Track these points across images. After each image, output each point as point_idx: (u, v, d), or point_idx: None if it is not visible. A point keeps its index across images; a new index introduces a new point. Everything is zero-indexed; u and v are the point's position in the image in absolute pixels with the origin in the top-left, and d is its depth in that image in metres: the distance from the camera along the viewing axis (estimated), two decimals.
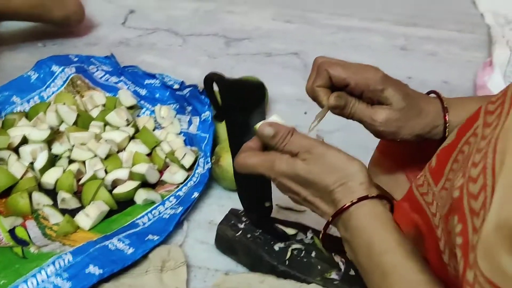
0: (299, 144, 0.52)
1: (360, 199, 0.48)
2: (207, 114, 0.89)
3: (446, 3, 1.56)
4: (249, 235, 0.71)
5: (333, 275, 0.66)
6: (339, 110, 0.57)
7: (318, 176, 0.50)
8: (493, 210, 0.31)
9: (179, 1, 1.45)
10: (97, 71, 1.04)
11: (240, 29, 1.34)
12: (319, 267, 0.68)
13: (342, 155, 0.51)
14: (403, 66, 1.22)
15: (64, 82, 1.01)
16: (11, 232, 0.75)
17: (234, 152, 0.67)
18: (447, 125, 0.55)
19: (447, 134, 0.56)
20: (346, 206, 0.48)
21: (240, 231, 0.72)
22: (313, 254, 0.69)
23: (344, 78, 0.56)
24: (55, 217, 0.78)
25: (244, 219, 0.73)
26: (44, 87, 1.00)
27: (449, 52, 1.30)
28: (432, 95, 0.60)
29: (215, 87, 0.62)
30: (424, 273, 0.44)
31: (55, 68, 1.02)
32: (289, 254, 0.69)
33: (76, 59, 1.05)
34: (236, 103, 0.62)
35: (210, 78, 0.62)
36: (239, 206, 0.77)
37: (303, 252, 0.69)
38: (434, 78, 1.19)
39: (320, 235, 0.55)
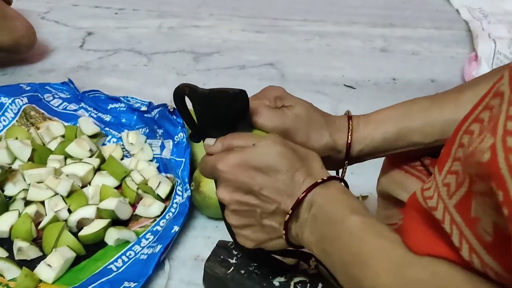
0: (252, 137, 0.48)
1: (330, 178, 0.45)
2: (181, 135, 0.78)
3: (419, 1, 1.52)
4: (242, 271, 0.61)
5: None
6: None
7: (279, 157, 0.45)
8: None
9: (139, 19, 1.36)
10: (53, 99, 0.94)
11: (208, 43, 1.25)
12: None
13: (295, 145, 0.48)
14: (386, 68, 1.15)
15: (16, 114, 0.90)
16: None
17: None
18: (350, 142, 0.53)
19: (362, 150, 0.53)
20: (319, 181, 0.44)
21: (232, 267, 0.62)
22: (320, 286, 0.59)
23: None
24: (11, 272, 0.66)
25: (235, 252, 0.63)
26: None
27: (431, 50, 1.24)
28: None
29: (188, 102, 0.52)
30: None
31: (3, 99, 0.90)
32: None
33: (28, 88, 0.94)
34: (215, 118, 0.52)
35: (181, 92, 0.52)
36: (228, 236, 0.66)
37: (308, 284, 0.59)
38: (419, 78, 1.12)
39: (284, 227, 0.46)
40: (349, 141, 0.52)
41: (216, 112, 0.51)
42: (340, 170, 0.56)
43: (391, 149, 0.53)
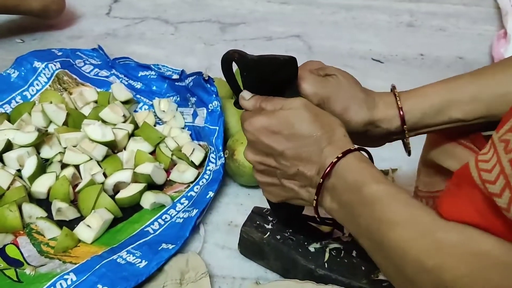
0: (280, 101, 0.49)
1: (351, 150, 0.46)
2: (215, 104, 0.79)
3: None
4: (278, 236, 0.63)
5: (381, 276, 0.58)
6: None
7: (302, 123, 0.47)
8: None
9: None
10: (84, 65, 0.94)
11: (234, 14, 1.24)
12: (363, 268, 0.59)
13: (323, 110, 0.50)
14: (413, 43, 1.15)
15: (49, 79, 0.91)
16: (1, 251, 0.65)
17: None
18: (403, 113, 0.52)
19: (406, 123, 0.53)
20: (339, 156, 0.45)
21: (268, 232, 0.63)
22: (354, 253, 0.61)
23: None
24: (51, 231, 0.68)
25: (270, 218, 0.65)
26: (27, 85, 0.90)
27: (458, 26, 1.22)
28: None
29: (234, 68, 0.53)
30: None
31: (37, 64, 0.91)
32: (327, 255, 0.60)
33: (60, 53, 0.95)
34: (262, 85, 0.52)
35: (229, 58, 0.52)
36: (259, 203, 0.68)
37: (343, 252, 0.61)
38: (447, 54, 1.11)
39: (315, 200, 0.48)
40: (401, 113, 0.52)
41: (264, 79, 0.51)
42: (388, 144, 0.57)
43: (432, 124, 0.53)
